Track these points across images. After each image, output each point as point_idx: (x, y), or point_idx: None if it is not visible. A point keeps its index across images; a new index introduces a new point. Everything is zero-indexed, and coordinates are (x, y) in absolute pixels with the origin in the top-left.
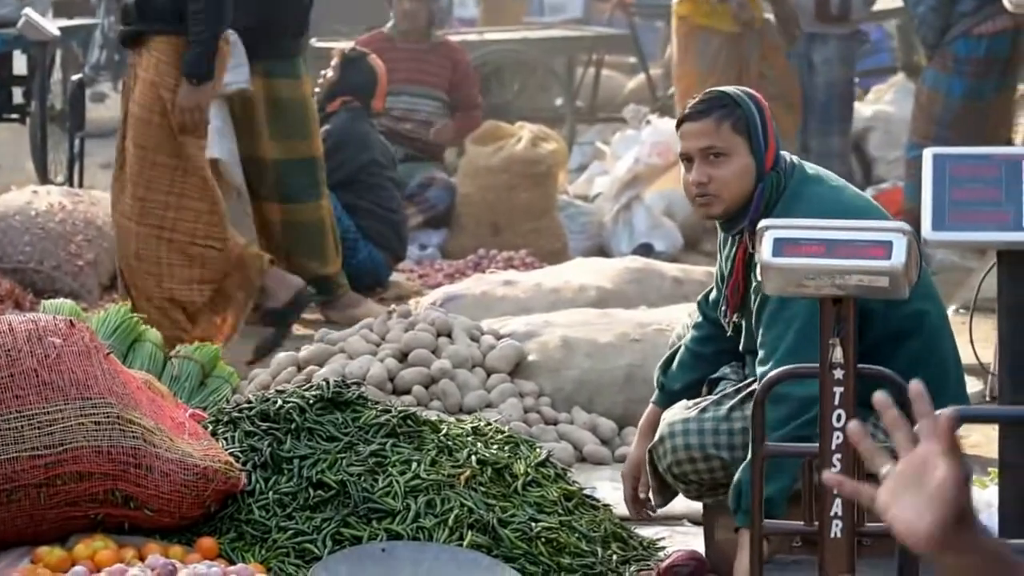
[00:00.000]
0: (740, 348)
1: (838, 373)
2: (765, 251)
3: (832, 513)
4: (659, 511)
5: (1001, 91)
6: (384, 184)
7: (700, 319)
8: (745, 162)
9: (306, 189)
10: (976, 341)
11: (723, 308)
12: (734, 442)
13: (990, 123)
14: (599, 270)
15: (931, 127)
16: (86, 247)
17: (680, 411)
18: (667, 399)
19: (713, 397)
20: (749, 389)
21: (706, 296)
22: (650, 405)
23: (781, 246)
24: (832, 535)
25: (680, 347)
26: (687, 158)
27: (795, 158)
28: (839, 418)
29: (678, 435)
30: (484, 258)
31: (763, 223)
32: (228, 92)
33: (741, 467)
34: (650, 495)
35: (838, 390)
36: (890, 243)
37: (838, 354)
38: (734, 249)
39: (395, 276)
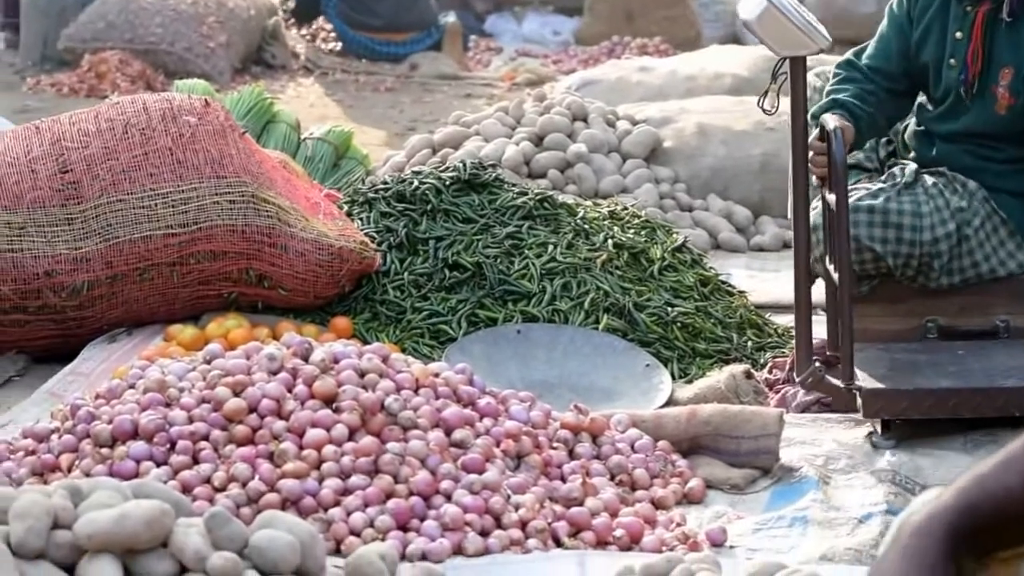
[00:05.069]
0: (957, 126)
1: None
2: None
3: None
4: None
5: None
6: None
7: (852, 73)
8: None
9: None
10: None
11: (961, 76)
12: (887, 236)
13: None
14: (734, 58)
15: None
16: (218, 29)
17: None
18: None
19: (869, 186)
20: (906, 179)
21: (858, 53)
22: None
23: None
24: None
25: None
26: None
27: None
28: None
29: None
30: (618, 44)
31: None
32: None
33: None
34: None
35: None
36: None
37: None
38: (973, 14)
39: (530, 61)
